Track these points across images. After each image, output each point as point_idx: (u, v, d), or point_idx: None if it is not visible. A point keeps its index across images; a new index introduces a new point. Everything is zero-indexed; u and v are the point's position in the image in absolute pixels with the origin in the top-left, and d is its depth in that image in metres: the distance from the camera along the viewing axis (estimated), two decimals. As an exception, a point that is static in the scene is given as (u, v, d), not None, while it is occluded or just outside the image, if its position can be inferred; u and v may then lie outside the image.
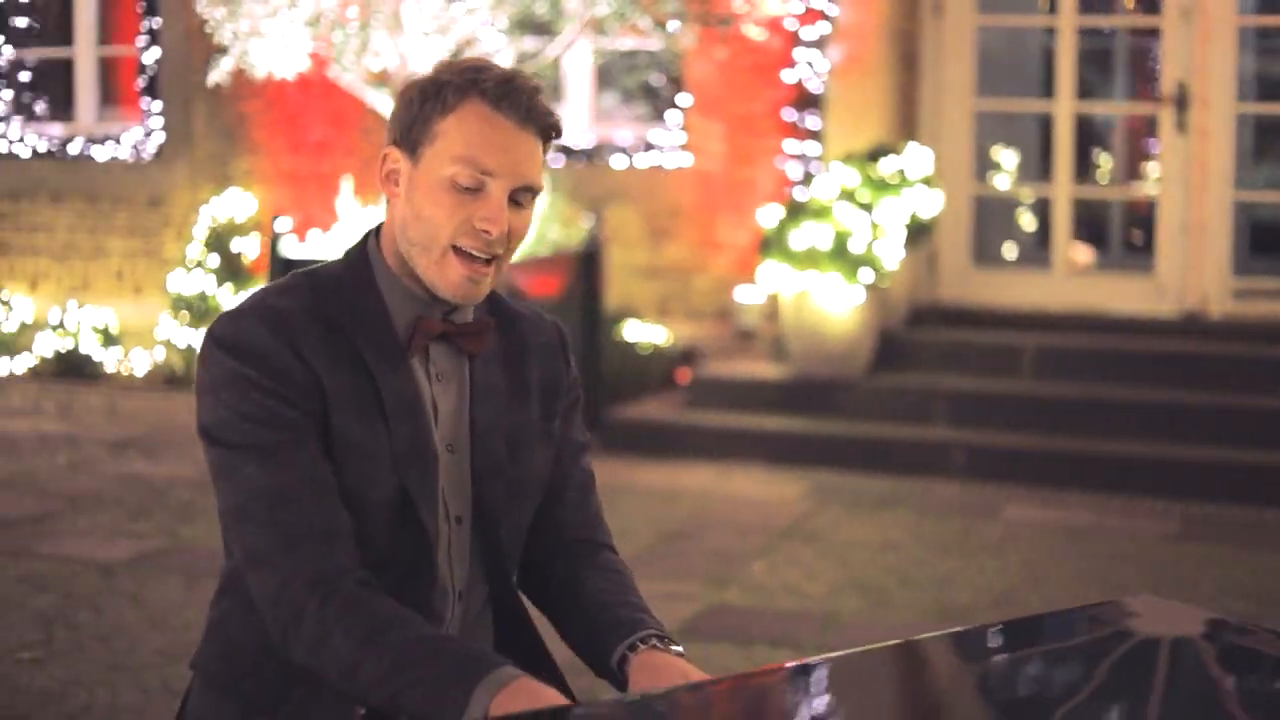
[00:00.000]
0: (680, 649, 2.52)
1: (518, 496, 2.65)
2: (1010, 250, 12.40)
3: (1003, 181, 12.20)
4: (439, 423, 2.58)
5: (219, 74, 9.33)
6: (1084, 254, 12.16)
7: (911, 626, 6.07)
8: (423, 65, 9.46)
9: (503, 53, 9.38)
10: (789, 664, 2.32)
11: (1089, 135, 13.24)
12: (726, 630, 6.32)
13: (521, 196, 2.51)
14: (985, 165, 11.79)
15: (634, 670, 2.49)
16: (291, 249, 9.56)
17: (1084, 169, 13.07)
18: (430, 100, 2.49)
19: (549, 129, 2.54)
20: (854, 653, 2.33)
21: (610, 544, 2.80)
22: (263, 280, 10.49)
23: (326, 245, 9.78)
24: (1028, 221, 12.98)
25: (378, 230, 2.62)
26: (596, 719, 2.21)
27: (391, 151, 2.55)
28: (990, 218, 11.62)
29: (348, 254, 2.63)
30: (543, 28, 9.78)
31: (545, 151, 2.56)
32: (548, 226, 9.97)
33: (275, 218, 9.86)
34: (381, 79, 9.88)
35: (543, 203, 9.91)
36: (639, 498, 8.51)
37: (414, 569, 2.54)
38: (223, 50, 9.34)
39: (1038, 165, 12.08)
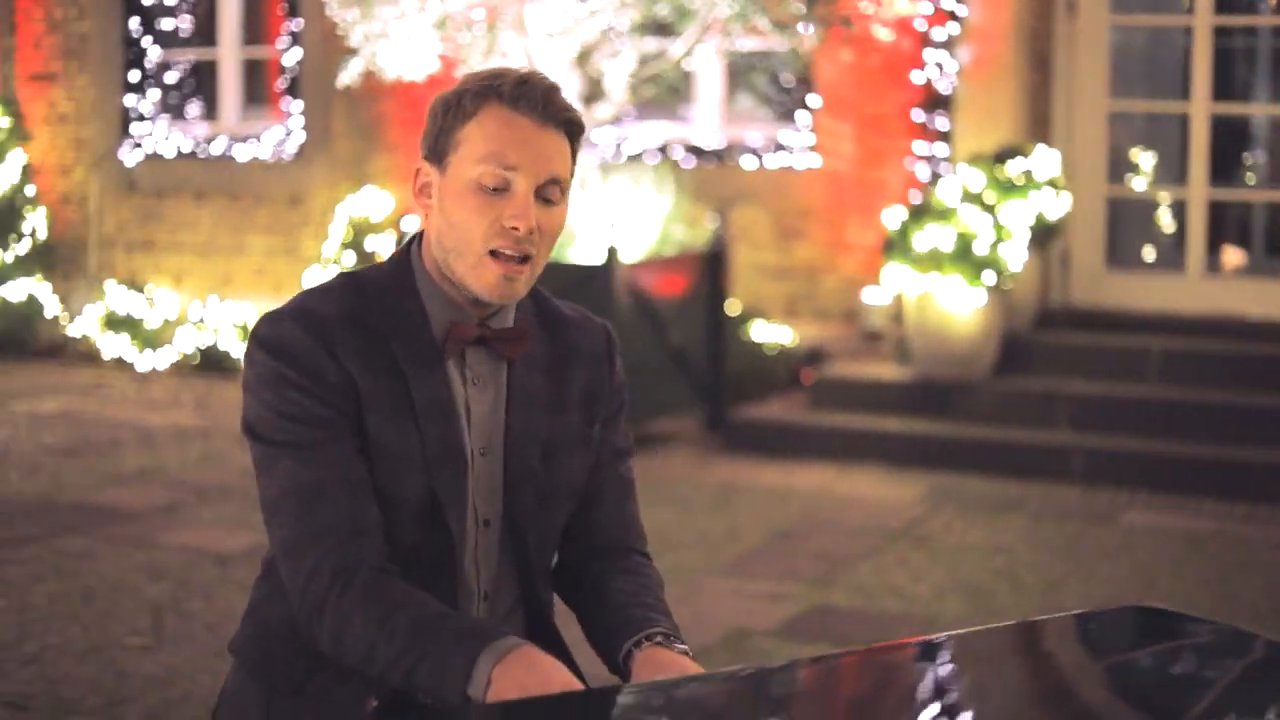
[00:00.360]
0: (685, 648, 2.55)
1: (549, 503, 2.68)
2: (1149, 253, 12.22)
3: (1140, 184, 12.02)
4: (472, 426, 2.62)
5: (348, 76, 9.50)
6: (1235, 256, 11.96)
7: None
8: (549, 66, 9.56)
9: (625, 54, 9.45)
10: (787, 660, 2.34)
11: (1238, 137, 13.00)
12: (826, 631, 6.32)
13: (549, 192, 2.54)
14: (1124, 167, 11.63)
15: (636, 666, 2.53)
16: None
17: (1231, 171, 12.84)
18: (451, 111, 2.54)
19: (569, 125, 2.57)
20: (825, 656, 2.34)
21: (643, 549, 2.83)
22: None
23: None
24: (1166, 224, 12.77)
25: (420, 237, 2.67)
26: (579, 702, 2.25)
27: (422, 166, 2.60)
28: (1127, 220, 11.46)
29: (392, 258, 2.67)
30: (667, 29, 9.84)
31: (575, 148, 2.59)
32: (671, 226, 10.01)
33: (403, 216, 10.00)
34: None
35: (666, 203, 9.97)
36: (754, 497, 8.54)
37: (438, 568, 2.59)
38: (353, 52, 9.51)
39: (1178, 167, 11.89)
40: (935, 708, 2.17)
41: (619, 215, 9.50)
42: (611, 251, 9.04)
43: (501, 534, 2.66)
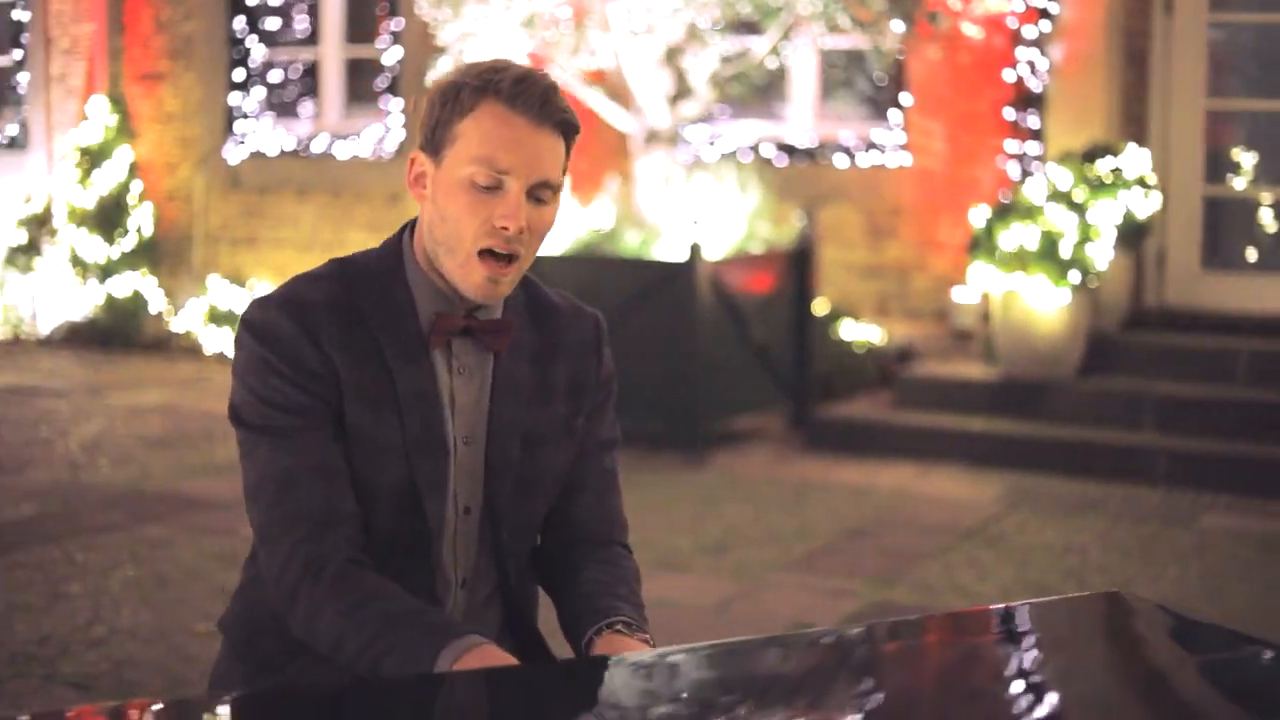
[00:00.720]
0: (647, 637, 2.58)
1: (527, 493, 2.71)
2: (1251, 254, 12.03)
3: (1240, 183, 11.83)
4: (456, 415, 2.64)
5: (437, 74, 9.59)
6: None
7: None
8: (634, 65, 9.61)
9: (708, 52, 9.48)
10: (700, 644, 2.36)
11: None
12: (885, 628, 6.29)
13: (541, 193, 2.55)
14: (1224, 166, 11.47)
15: (594, 652, 2.56)
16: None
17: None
18: (449, 103, 2.54)
19: (565, 125, 2.58)
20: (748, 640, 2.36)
21: (623, 541, 2.85)
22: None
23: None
24: (1268, 224, 12.56)
25: (414, 225, 2.70)
26: (530, 678, 2.29)
27: (418, 155, 2.61)
28: (1227, 220, 11.30)
29: (385, 245, 2.69)
30: (751, 28, 9.85)
31: (568, 147, 2.62)
32: (757, 224, 10.02)
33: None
34: (598, 78, 10.06)
35: (752, 201, 9.98)
36: (831, 495, 8.53)
37: (416, 555, 2.63)
38: (441, 51, 9.62)
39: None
40: (894, 690, 2.19)
41: (703, 213, 9.51)
42: (694, 249, 9.06)
43: (481, 522, 2.69)
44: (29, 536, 7.39)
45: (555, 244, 9.77)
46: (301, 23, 13.54)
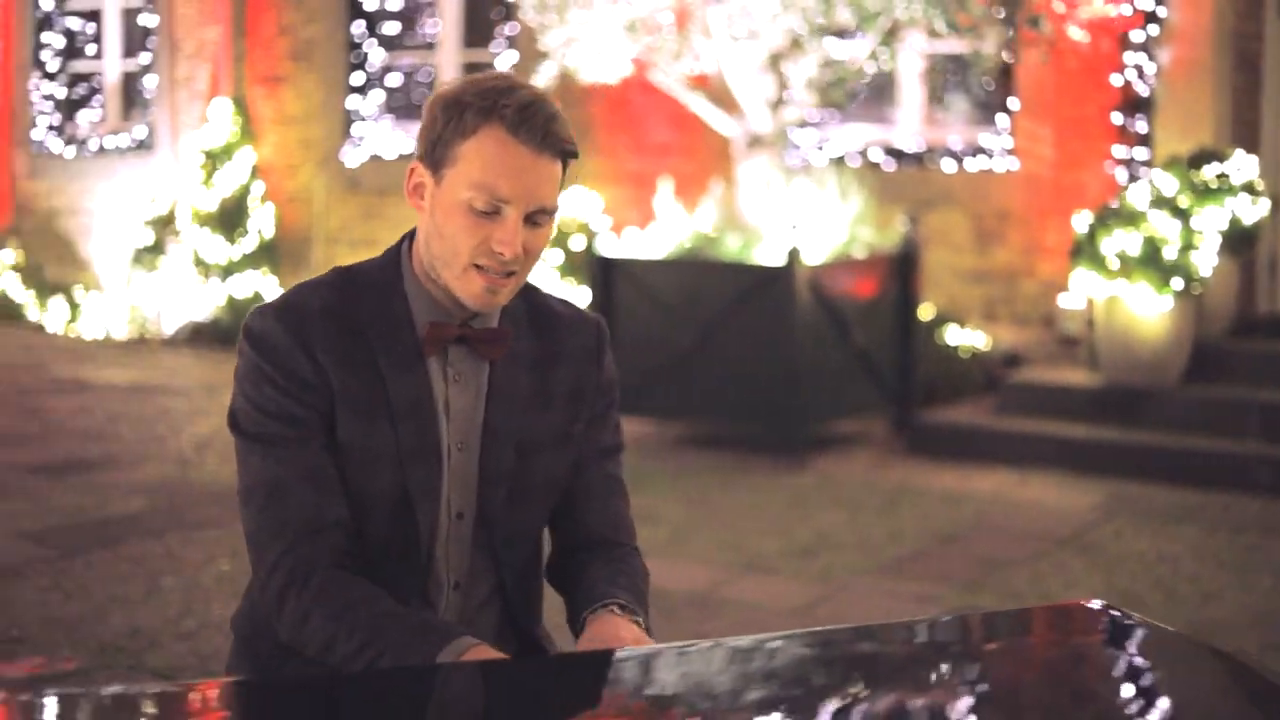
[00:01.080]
0: (640, 619, 2.63)
1: (522, 499, 2.76)
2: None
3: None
4: (451, 422, 2.70)
5: (542, 79, 9.71)
6: None
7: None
8: (736, 70, 9.68)
9: (810, 57, 9.51)
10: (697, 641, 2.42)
11: None
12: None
13: (538, 217, 2.60)
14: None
15: (585, 630, 2.62)
16: (610, 248, 9.88)
17: None
18: (452, 121, 2.58)
19: (566, 153, 2.63)
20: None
21: (630, 543, 2.89)
22: (580, 278, 10.85)
23: (642, 244, 10.04)
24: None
25: (413, 235, 2.76)
26: (523, 672, 2.37)
27: (417, 166, 2.66)
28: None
29: (386, 254, 2.76)
30: (851, 33, 9.87)
31: (564, 172, 2.65)
32: (860, 228, 10.04)
33: (594, 217, 10.19)
34: (701, 83, 10.13)
35: (854, 205, 10.00)
36: (926, 500, 8.54)
37: (408, 560, 2.70)
38: (544, 56, 9.74)
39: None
40: (858, 697, 2.24)
41: (804, 217, 9.55)
42: (793, 253, 9.10)
43: (474, 527, 2.76)
44: (134, 530, 7.60)
45: (657, 248, 9.86)
46: (420, 27, 13.74)
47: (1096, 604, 2.55)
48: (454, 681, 2.39)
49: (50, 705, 2.20)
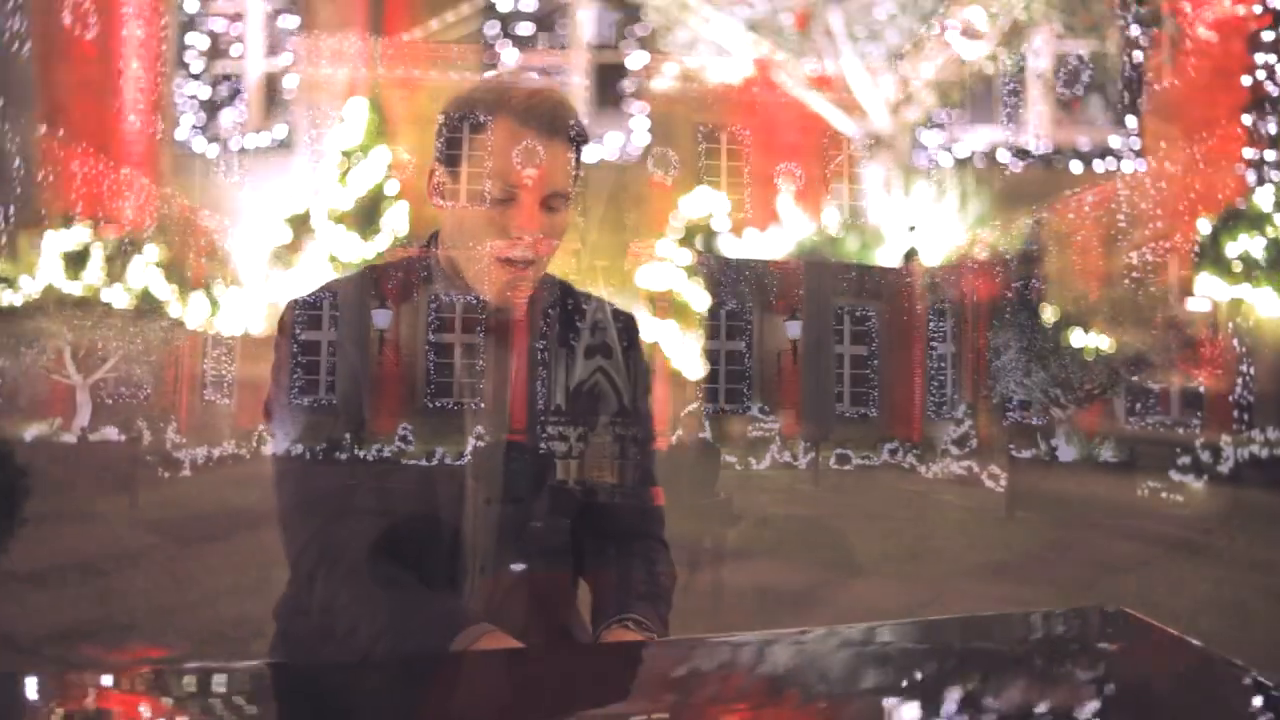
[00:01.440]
0: (652, 634, 2.67)
1: (550, 485, 2.77)
2: None
3: None
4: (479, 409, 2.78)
5: (663, 81, 9.77)
6: None
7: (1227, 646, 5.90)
8: (857, 71, 9.68)
9: (931, 58, 9.49)
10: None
11: None
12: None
13: (554, 202, 2.62)
14: None
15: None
16: (729, 247, 9.93)
17: None
18: (464, 119, 2.61)
19: (576, 137, 2.70)
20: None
21: (659, 535, 2.90)
22: (700, 279, 10.89)
23: (761, 244, 10.07)
24: None
25: (438, 234, 2.79)
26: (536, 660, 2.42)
27: (436, 168, 2.67)
28: None
29: (414, 252, 2.84)
30: (975, 35, 9.82)
31: (577, 157, 2.72)
32: (983, 229, 9.99)
33: (713, 217, 10.23)
34: (823, 83, 10.14)
35: (977, 206, 9.96)
36: (1041, 501, 8.48)
37: (434, 542, 2.76)
38: (666, 56, 9.80)
39: None
40: (872, 694, 2.26)
41: (924, 218, 9.52)
42: (910, 253, 9.09)
43: (502, 512, 2.82)
44: (259, 520, 7.75)
45: (777, 248, 9.89)
46: (550, 27, 13.86)
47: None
48: (465, 670, 2.45)
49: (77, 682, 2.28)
